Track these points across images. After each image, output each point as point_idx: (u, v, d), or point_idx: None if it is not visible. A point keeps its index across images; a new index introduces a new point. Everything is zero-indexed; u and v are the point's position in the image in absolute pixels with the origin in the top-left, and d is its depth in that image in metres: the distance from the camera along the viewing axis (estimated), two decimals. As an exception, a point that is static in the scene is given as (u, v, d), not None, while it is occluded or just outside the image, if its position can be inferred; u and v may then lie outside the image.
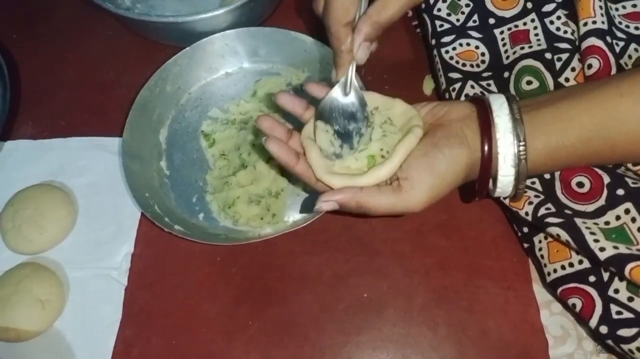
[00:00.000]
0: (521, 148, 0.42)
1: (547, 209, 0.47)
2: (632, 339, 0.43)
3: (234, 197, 0.61)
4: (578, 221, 0.45)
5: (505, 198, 0.49)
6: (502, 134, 0.43)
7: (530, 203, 0.48)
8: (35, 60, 0.76)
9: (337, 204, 0.43)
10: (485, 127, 0.43)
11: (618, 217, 0.45)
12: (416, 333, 0.54)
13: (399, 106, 0.48)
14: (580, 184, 0.47)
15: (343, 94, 0.48)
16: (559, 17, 0.54)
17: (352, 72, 0.46)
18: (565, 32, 0.54)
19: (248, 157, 0.63)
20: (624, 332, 0.44)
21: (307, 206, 0.60)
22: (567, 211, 0.47)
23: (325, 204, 0.43)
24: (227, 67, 0.71)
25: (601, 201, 0.46)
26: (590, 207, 0.46)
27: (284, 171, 0.62)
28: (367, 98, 0.48)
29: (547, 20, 0.55)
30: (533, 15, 0.57)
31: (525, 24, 0.57)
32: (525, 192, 0.49)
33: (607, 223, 0.45)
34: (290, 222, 0.61)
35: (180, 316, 0.57)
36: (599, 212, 0.46)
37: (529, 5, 0.57)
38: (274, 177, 0.62)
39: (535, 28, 0.56)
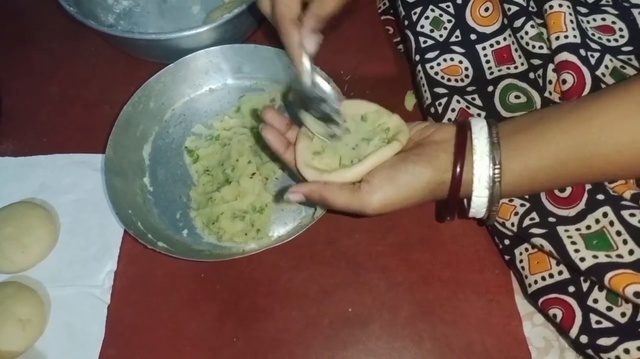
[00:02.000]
0: (496, 171, 0.44)
1: (532, 219, 0.48)
2: (611, 348, 0.44)
3: (218, 213, 0.61)
4: (560, 229, 0.46)
5: (479, 219, 0.50)
6: (479, 156, 0.44)
7: (516, 214, 0.49)
8: (17, 77, 0.76)
9: (302, 196, 0.47)
10: (460, 149, 0.45)
11: (597, 221, 0.45)
12: (401, 347, 0.54)
13: (395, 120, 0.51)
14: (562, 189, 0.48)
15: (308, 84, 0.51)
16: (527, 33, 0.56)
17: (308, 62, 0.49)
18: (534, 46, 0.55)
19: (232, 172, 0.63)
20: (604, 341, 0.44)
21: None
22: (550, 219, 0.47)
23: (292, 195, 0.47)
24: (211, 84, 0.71)
25: (581, 205, 0.46)
26: (572, 212, 0.47)
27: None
28: (366, 105, 0.53)
29: (518, 36, 0.57)
30: (509, 31, 0.58)
31: (505, 39, 0.58)
32: (512, 201, 0.50)
33: (588, 227, 0.45)
34: (275, 237, 0.61)
35: (164, 333, 0.56)
36: (580, 216, 0.46)
37: (505, 21, 0.58)
38: (258, 192, 0.62)
39: (513, 43, 0.58)
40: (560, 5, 0.53)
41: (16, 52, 0.79)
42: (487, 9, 0.59)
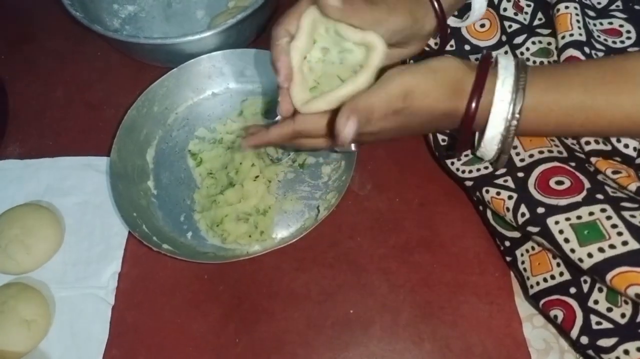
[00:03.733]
0: (514, 123, 0.43)
1: (523, 214, 0.48)
2: (611, 349, 0.44)
3: (222, 216, 0.62)
4: (550, 222, 0.46)
5: (486, 167, 0.49)
6: (502, 80, 0.43)
7: (508, 209, 0.49)
8: (24, 81, 0.77)
9: (353, 131, 0.42)
10: (479, 82, 0.44)
11: (591, 213, 0.45)
12: (402, 348, 0.54)
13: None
14: (560, 182, 0.48)
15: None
16: (528, 49, 0.57)
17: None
18: (535, 62, 0.56)
19: (235, 175, 0.64)
20: (604, 342, 0.45)
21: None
22: (539, 210, 0.47)
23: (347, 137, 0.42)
24: (214, 88, 0.72)
25: (577, 199, 0.46)
26: (562, 202, 0.46)
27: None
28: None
29: (517, 52, 0.57)
30: (506, 47, 0.59)
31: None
32: (499, 194, 0.50)
33: (579, 217, 0.45)
34: (278, 239, 0.61)
35: (167, 334, 0.57)
36: (572, 207, 0.46)
37: (504, 38, 0.59)
38: (261, 194, 0.63)
39: None
40: (567, 7, 0.54)
41: (22, 55, 0.80)
42: (482, 25, 0.60)
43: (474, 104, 0.43)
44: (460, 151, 0.48)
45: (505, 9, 0.59)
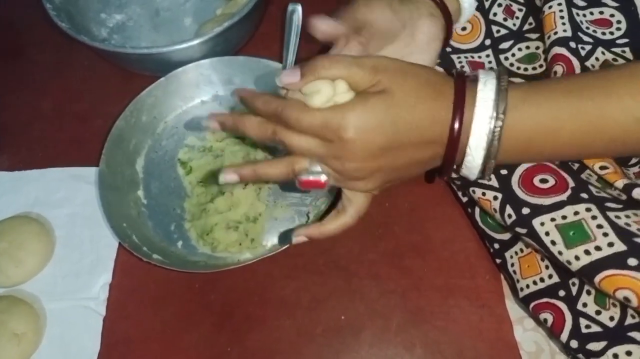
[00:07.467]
0: (497, 128, 0.42)
1: (510, 216, 0.47)
2: (600, 353, 0.44)
3: (212, 224, 0.62)
4: (536, 223, 0.45)
5: (468, 184, 0.49)
6: (484, 82, 0.42)
7: (495, 211, 0.49)
8: (11, 92, 0.76)
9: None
10: (459, 104, 0.42)
11: (577, 213, 0.44)
12: (393, 354, 0.54)
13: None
14: (544, 181, 0.47)
15: None
16: (513, 55, 0.57)
17: None
18: (519, 68, 0.56)
19: (225, 183, 0.64)
20: (593, 346, 0.45)
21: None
22: (524, 210, 0.46)
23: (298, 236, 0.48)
24: (203, 96, 0.72)
25: (562, 197, 0.45)
26: (547, 201, 0.46)
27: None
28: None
29: (502, 57, 0.57)
30: (489, 51, 0.59)
31: (480, 57, 0.59)
32: (484, 194, 0.50)
33: (564, 217, 0.44)
34: (269, 246, 0.61)
35: (159, 345, 0.57)
36: (557, 206, 0.45)
37: (487, 42, 0.59)
38: (251, 202, 0.63)
39: (489, 62, 0.58)
40: (551, 7, 0.54)
41: (10, 67, 0.80)
42: (464, 28, 0.60)
43: (457, 126, 0.42)
44: (447, 175, 0.47)
45: (495, 14, 0.59)
